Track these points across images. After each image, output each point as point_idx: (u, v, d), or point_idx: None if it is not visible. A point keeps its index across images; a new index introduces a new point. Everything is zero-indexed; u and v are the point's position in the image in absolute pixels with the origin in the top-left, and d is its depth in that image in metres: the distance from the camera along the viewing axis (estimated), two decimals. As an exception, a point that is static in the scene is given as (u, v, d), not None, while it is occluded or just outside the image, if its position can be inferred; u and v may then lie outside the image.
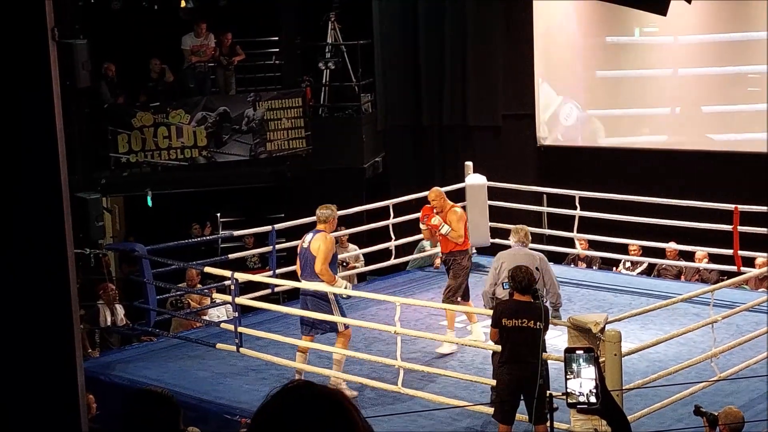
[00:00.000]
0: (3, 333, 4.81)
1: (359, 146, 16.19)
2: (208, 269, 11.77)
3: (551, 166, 16.14)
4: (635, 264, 14.22)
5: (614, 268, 14.41)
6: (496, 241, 13.77)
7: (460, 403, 9.28)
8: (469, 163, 14.38)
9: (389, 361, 10.04)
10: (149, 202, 15.09)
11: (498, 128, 16.56)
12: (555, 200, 14.63)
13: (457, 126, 16.73)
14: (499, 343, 8.47)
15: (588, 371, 2.96)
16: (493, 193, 14.25)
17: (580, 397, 2.97)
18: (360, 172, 16.15)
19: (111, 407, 8.91)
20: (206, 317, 12.31)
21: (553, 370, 8.72)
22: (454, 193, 13.12)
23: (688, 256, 13.78)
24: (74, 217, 5.25)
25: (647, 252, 13.95)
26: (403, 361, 9.90)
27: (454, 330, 11.00)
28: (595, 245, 14.27)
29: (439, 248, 13.27)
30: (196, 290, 12.56)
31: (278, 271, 12.73)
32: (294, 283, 11.78)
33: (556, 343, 9.45)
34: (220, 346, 11.02)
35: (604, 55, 15.91)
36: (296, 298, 13.10)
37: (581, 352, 2.98)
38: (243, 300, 11.34)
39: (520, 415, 8.44)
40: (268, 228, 12.97)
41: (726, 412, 7.32)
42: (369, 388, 9.90)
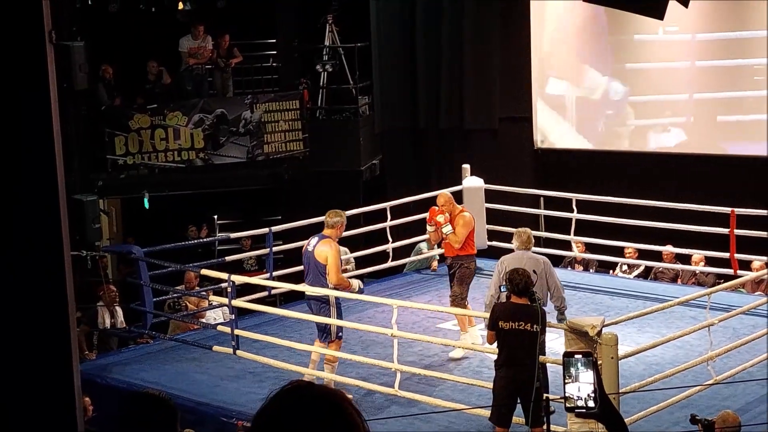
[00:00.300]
0: (0, 335, 4.81)
1: (356, 149, 16.19)
2: (204, 271, 11.76)
3: (548, 168, 16.14)
4: (632, 267, 14.23)
5: (611, 271, 14.42)
6: (494, 243, 13.77)
7: (457, 406, 9.28)
8: (467, 166, 14.37)
9: (386, 363, 10.04)
10: (146, 204, 15.08)
11: (495, 131, 16.56)
12: (552, 203, 14.63)
13: (454, 129, 16.72)
14: (496, 345, 8.46)
15: (586, 375, 2.95)
16: (491, 196, 14.24)
17: (579, 402, 2.96)
18: (357, 174, 16.15)
19: (107, 409, 8.91)
20: (203, 319, 12.30)
21: (551, 372, 8.71)
22: (452, 195, 13.10)
23: (685, 259, 13.77)
24: (71, 219, 5.25)
25: (644, 255, 13.95)
26: (400, 364, 9.90)
27: (468, 332, 10.83)
28: (591, 248, 14.27)
29: (437, 250, 13.30)
30: (192, 292, 12.54)
31: (275, 274, 12.73)
32: (290, 285, 11.77)
33: (553, 345, 9.45)
34: (216, 348, 11.01)
35: (604, 56, 15.88)
36: (293, 301, 13.14)
37: (580, 356, 2.98)
38: (240, 302, 11.34)
39: (517, 418, 8.44)
40: (265, 230, 12.96)
41: (722, 417, 7.32)
42: (365, 391, 9.89)
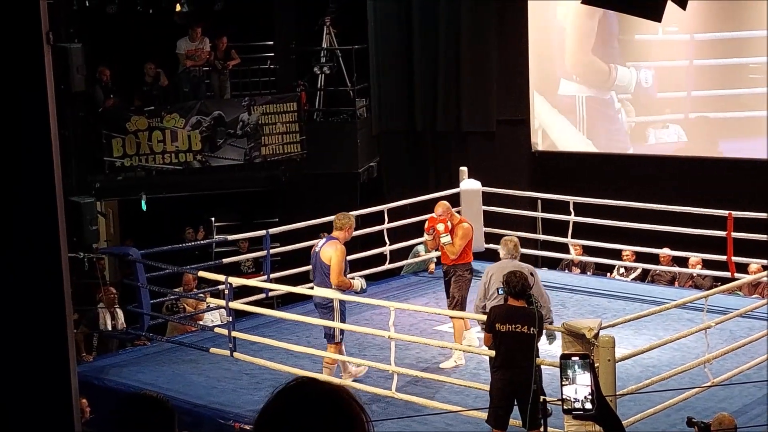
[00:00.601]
0: (-3, 337, 4.80)
1: (354, 151, 16.19)
2: (202, 273, 11.76)
3: (545, 171, 16.15)
4: (629, 270, 14.23)
5: (608, 274, 14.43)
6: (491, 246, 13.75)
7: (453, 408, 9.28)
8: (464, 169, 14.37)
9: (383, 365, 10.05)
10: (143, 206, 15.09)
11: (492, 133, 16.56)
12: (549, 205, 14.63)
13: (451, 131, 16.72)
14: (492, 348, 8.46)
15: (583, 377, 2.96)
16: (488, 199, 14.25)
17: (576, 404, 2.97)
18: (354, 176, 16.15)
19: (104, 411, 8.90)
20: (201, 321, 12.30)
21: (547, 375, 8.72)
22: (449, 198, 13.09)
23: (682, 262, 13.78)
24: (68, 221, 5.24)
25: (641, 258, 13.97)
26: (397, 366, 9.91)
27: (461, 342, 10.74)
28: (589, 251, 14.28)
29: (434, 253, 13.30)
30: (189, 294, 12.54)
31: (272, 276, 12.73)
32: (287, 287, 11.79)
33: (550, 348, 9.45)
34: (213, 350, 11.01)
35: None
36: (290, 303, 13.15)
37: (577, 358, 2.98)
38: (237, 304, 11.34)
39: (514, 420, 8.44)
40: (263, 232, 12.96)
41: (719, 419, 7.34)
42: (362, 393, 9.89)
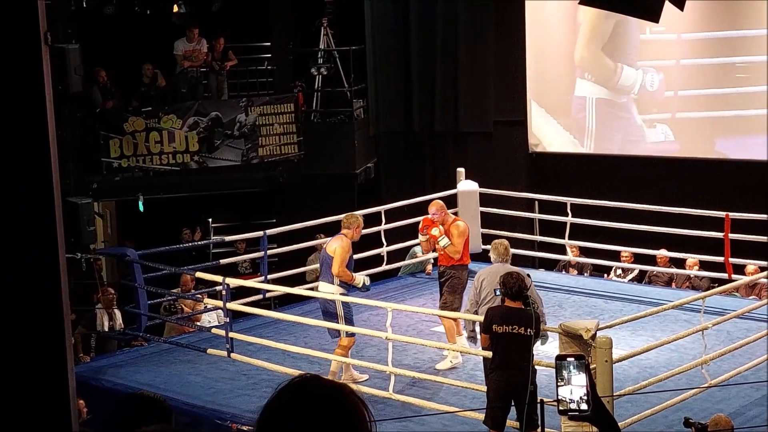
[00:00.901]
0: (-6, 337, 4.81)
1: (351, 152, 16.20)
2: (199, 274, 11.76)
3: (543, 172, 16.15)
4: (626, 271, 14.23)
5: (605, 275, 14.42)
6: (488, 247, 13.74)
7: (451, 409, 9.28)
8: (461, 170, 14.37)
9: (380, 366, 10.04)
10: (141, 206, 15.08)
11: (489, 134, 16.57)
12: (546, 207, 14.63)
13: (449, 132, 16.73)
14: (489, 349, 8.46)
15: (579, 378, 2.96)
16: (485, 200, 14.25)
17: (571, 404, 2.97)
18: (352, 177, 16.16)
19: (102, 412, 8.90)
20: (198, 322, 12.30)
21: (544, 376, 8.72)
22: (446, 199, 13.09)
23: (679, 264, 13.79)
24: (66, 222, 5.25)
25: (638, 259, 13.97)
26: (395, 366, 9.91)
27: (456, 342, 10.78)
28: (586, 252, 14.28)
29: (432, 254, 13.26)
30: (187, 295, 12.54)
31: (270, 277, 12.72)
32: (285, 288, 11.80)
33: (547, 349, 9.45)
34: (211, 351, 11.01)
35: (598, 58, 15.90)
36: (288, 304, 13.14)
37: (572, 359, 2.98)
38: (234, 305, 11.34)
39: (511, 422, 8.44)
40: (260, 233, 12.96)
41: (715, 420, 7.33)
42: (360, 394, 9.88)
